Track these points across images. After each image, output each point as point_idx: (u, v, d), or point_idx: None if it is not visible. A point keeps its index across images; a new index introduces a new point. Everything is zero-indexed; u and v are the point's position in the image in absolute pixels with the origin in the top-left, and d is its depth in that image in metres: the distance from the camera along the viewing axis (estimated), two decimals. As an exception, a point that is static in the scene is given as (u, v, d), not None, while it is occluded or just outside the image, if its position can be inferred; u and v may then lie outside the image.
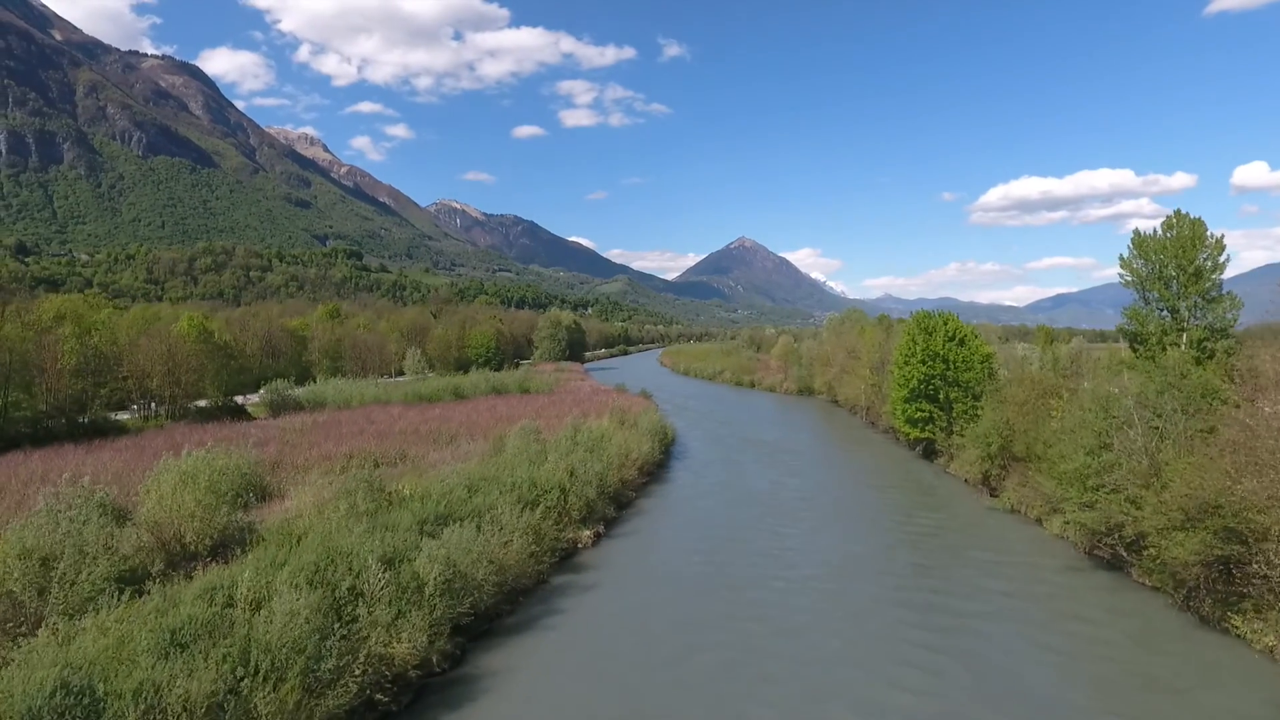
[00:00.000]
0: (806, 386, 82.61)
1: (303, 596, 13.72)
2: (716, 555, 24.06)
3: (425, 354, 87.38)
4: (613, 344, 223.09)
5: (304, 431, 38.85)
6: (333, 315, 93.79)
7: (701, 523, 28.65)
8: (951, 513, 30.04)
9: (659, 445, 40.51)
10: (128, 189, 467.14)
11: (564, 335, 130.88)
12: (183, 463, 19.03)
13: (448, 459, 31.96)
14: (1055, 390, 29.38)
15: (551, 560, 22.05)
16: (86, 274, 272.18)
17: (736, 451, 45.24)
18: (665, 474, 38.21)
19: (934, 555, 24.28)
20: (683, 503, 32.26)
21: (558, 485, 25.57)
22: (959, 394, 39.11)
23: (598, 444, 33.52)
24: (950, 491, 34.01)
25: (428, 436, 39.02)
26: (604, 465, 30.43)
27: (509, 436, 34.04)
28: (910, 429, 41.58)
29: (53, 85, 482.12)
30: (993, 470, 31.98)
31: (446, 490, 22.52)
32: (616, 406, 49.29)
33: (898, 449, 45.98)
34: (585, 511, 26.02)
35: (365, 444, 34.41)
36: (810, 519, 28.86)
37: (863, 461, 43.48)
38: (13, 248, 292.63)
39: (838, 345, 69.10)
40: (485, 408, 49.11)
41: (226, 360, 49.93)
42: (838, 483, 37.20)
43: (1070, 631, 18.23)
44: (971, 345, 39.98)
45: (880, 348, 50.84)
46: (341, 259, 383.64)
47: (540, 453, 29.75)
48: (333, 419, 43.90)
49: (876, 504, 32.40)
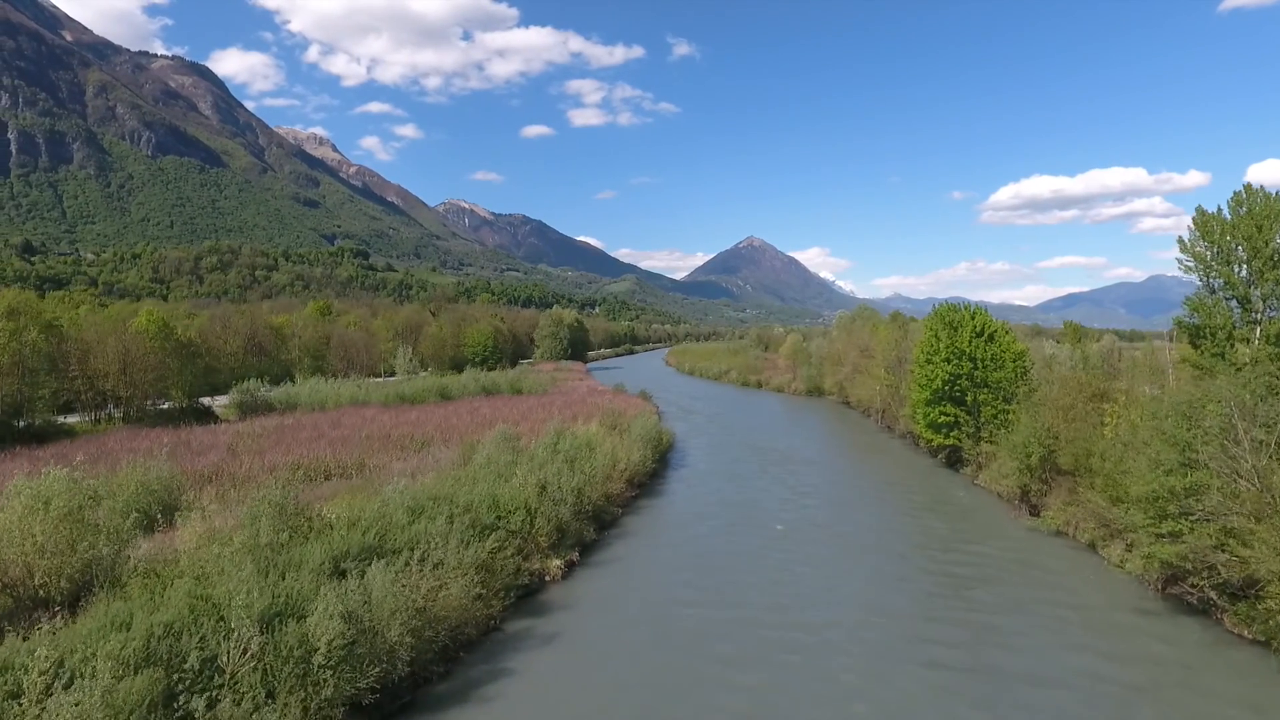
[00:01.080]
0: (816, 387, 78.45)
1: (125, 680, 9.90)
2: (709, 603, 19.44)
3: (418, 353, 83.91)
4: (618, 343, 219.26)
5: (262, 436, 35.20)
6: (323, 312, 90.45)
7: (694, 555, 24.00)
8: (990, 537, 25.83)
9: (653, 453, 36.52)
10: (137, 189, 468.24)
11: (566, 334, 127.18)
12: (40, 483, 15.26)
13: (415, 468, 28.21)
14: (1107, 394, 25.21)
15: (506, 601, 18.07)
16: (92, 273, 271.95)
17: (740, 460, 40.94)
18: (659, 486, 34.17)
19: (980, 601, 19.88)
20: (675, 526, 27.90)
21: (523, 505, 21.66)
22: (988, 396, 34.92)
23: (581, 452, 29.60)
24: (983, 509, 29.78)
25: (398, 442, 35.28)
26: (585, 478, 26.51)
27: (484, 443, 30.22)
28: (933, 435, 37.39)
29: (63, 85, 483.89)
30: (1032, 485, 27.80)
31: (382, 514, 18.64)
32: (609, 409, 45.38)
33: (918, 457, 41.77)
34: (556, 536, 22.07)
35: (320, 452, 30.65)
36: (826, 551, 24.27)
37: (882, 473, 39.13)
38: (19, 247, 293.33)
39: (849, 343, 64.90)
40: (468, 410, 45.35)
41: (191, 359, 46.37)
42: (856, 501, 32.47)
43: (1169, 702, 14.14)
44: (1001, 342, 35.77)
45: (897, 345, 46.64)
46: (348, 258, 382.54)
47: (511, 464, 25.86)
48: (300, 422, 40.27)
49: (902, 528, 27.76)
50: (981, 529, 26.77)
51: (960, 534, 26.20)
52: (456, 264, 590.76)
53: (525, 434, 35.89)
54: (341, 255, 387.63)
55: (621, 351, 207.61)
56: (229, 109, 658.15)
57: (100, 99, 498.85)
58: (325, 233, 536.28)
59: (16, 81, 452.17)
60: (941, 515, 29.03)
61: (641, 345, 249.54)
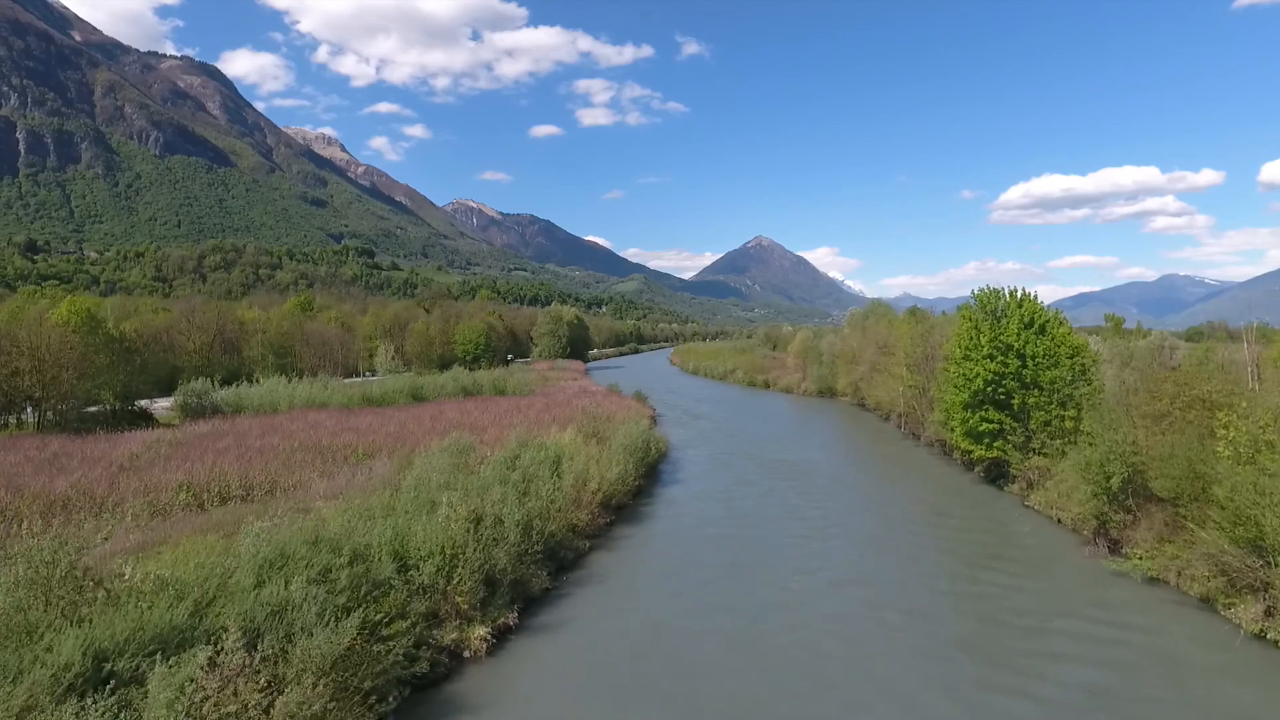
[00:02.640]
0: (828, 387, 72.53)
1: None
2: (691, 699, 13.51)
3: (403, 350, 78.67)
4: (623, 342, 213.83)
5: (179, 445, 29.87)
6: (305, 307, 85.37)
7: (677, 616, 17.38)
8: (1062, 588, 19.88)
9: (638, 467, 30.82)
10: (144, 188, 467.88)
11: (565, 332, 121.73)
12: None
13: (342, 488, 22.73)
14: (1219, 401, 19.30)
15: (384, 709, 12.33)
16: (94, 271, 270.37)
17: (745, 478, 34.70)
18: (643, 509, 28.36)
19: (1074, 696, 14.18)
20: (656, 570, 21.52)
21: (442, 549, 16.04)
22: (1039, 399, 28.98)
23: (542, 470, 24.00)
24: (1047, 546, 23.66)
25: (337, 453, 29.81)
26: (540, 506, 20.89)
27: (421, 458, 24.70)
28: (972, 445, 31.41)
29: (71, 85, 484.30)
30: (1111, 514, 21.89)
31: (217, 573, 13.05)
32: (596, 412, 39.76)
33: (951, 471, 35.80)
34: (486, 591, 16.37)
35: (228, 466, 25.17)
36: (857, 621, 17.10)
37: (913, 493, 32.73)
38: (22, 245, 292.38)
39: (865, 340, 58.93)
40: (434, 414, 39.89)
41: (125, 356, 41.14)
42: (888, 537, 25.06)
43: None
44: (1056, 334, 29.81)
45: (923, 341, 40.66)
46: (353, 257, 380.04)
47: (445, 486, 20.27)
48: (237, 428, 34.96)
49: (953, 579, 20.72)
50: (1055, 579, 20.69)
51: (1021, 581, 20.21)
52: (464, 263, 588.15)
53: (490, 442, 30.37)
54: (346, 254, 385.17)
55: (626, 351, 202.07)
56: (237, 109, 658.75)
57: (108, 99, 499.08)
58: (333, 232, 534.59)
59: (25, 81, 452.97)
60: (993, 552, 22.97)
61: (647, 345, 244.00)
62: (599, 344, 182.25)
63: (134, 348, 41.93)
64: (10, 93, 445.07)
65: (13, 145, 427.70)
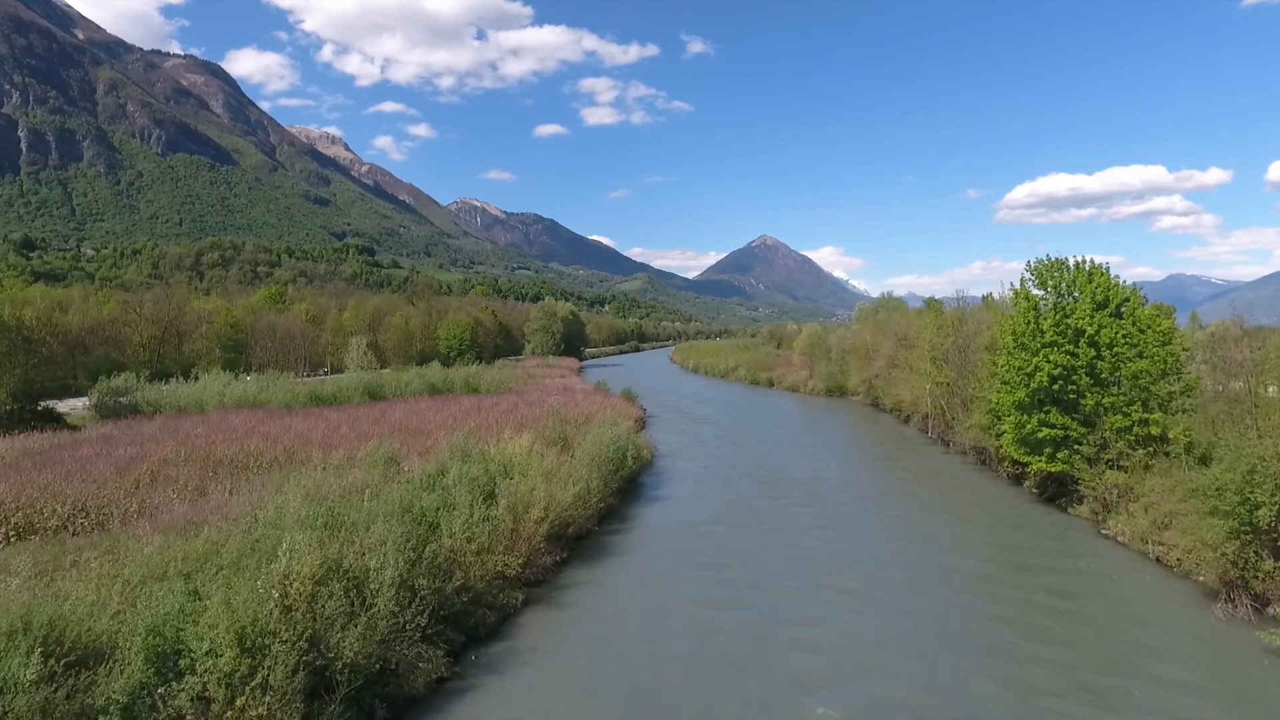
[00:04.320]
0: (837, 386, 66.29)
1: None
2: None
3: (379, 346, 72.87)
4: (624, 340, 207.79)
5: (30, 454, 24.02)
6: (276, 299, 79.67)
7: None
8: (1210, 678, 13.67)
9: (608, 481, 24.69)
10: (146, 186, 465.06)
11: (559, 328, 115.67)
12: None
13: (203, 515, 16.78)
14: None
15: None
16: (90, 268, 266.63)
17: (744, 500, 27.78)
18: (610, 539, 22.17)
19: None
20: (607, 656, 14.40)
21: (235, 644, 9.96)
22: (1117, 398, 22.74)
23: (472, 490, 17.93)
24: (1159, 602, 17.26)
25: (236, 463, 23.89)
26: (454, 543, 14.84)
27: (316, 469, 18.70)
28: (1028, 456, 25.10)
29: (73, 84, 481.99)
30: (1250, 558, 15.67)
31: None
32: (568, 414, 33.75)
33: (997, 486, 29.47)
34: (306, 708, 10.27)
35: (58, 484, 19.16)
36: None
37: (959, 522, 25.16)
38: (17, 243, 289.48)
39: (881, 333, 52.66)
40: (378, 415, 33.96)
41: (25, 349, 35.34)
42: (939, 598, 17.45)
43: None
44: (1138, 316, 23.54)
45: (954, 330, 34.33)
46: (353, 254, 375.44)
47: (303, 521, 14.21)
48: (139, 432, 29.16)
49: (1077, 692, 13.22)
50: (1188, 655, 14.42)
51: (1155, 665, 13.92)
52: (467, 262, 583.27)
53: (429, 450, 24.35)
54: (347, 251, 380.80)
55: (626, 349, 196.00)
56: (240, 107, 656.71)
57: (111, 97, 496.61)
58: (335, 230, 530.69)
59: (27, 79, 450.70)
60: (1092, 620, 16.59)
61: (649, 343, 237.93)
62: (598, 342, 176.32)
63: (36, 338, 36.10)
64: (12, 91, 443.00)
65: (14, 143, 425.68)
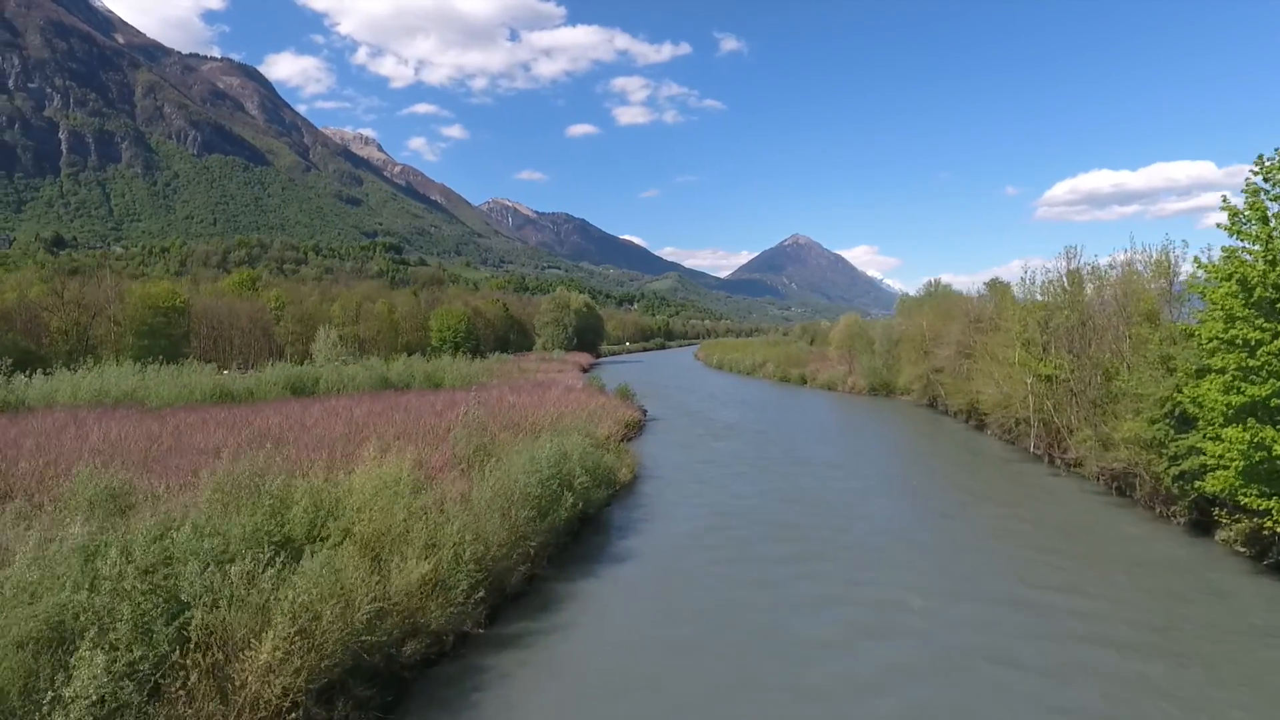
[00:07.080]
0: (883, 383, 55.89)
1: None
2: None
3: (357, 336, 64.77)
4: (649, 337, 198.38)
5: None
6: (248, 284, 72.26)
7: None
8: None
9: (527, 535, 15.05)
10: (182, 186, 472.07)
11: (572, 320, 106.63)
12: None
13: None
14: None
15: None
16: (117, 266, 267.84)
17: (752, 579, 16.04)
18: (480, 674, 12.68)
19: None
20: None
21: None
22: None
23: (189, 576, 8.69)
24: None
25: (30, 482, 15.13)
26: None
27: None
28: (1263, 500, 14.70)
29: (112, 86, 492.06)
30: None
31: None
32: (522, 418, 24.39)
33: (1167, 539, 19.08)
34: None
35: None
36: None
37: (1167, 634, 14.55)
38: (48, 240, 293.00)
39: (945, 317, 42.16)
40: (245, 418, 25.14)
41: None
42: None
43: None
44: None
45: (1072, 302, 23.84)
46: (380, 252, 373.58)
47: None
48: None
49: None
50: None
51: None
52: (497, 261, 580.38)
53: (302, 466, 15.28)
54: (374, 250, 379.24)
55: (651, 345, 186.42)
56: (275, 109, 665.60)
57: (149, 99, 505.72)
58: (367, 230, 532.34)
59: (68, 83, 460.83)
60: None
61: (675, 340, 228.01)
62: (621, 338, 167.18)
63: None
64: (54, 94, 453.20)
65: (55, 145, 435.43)
